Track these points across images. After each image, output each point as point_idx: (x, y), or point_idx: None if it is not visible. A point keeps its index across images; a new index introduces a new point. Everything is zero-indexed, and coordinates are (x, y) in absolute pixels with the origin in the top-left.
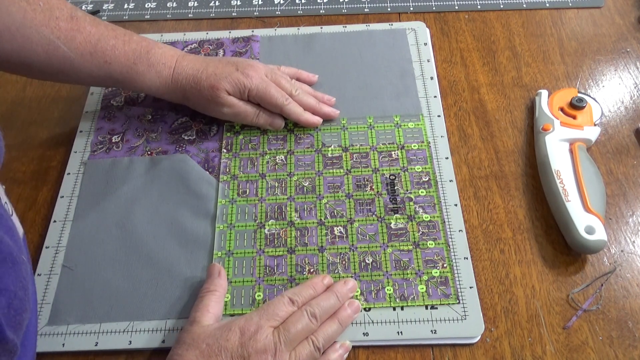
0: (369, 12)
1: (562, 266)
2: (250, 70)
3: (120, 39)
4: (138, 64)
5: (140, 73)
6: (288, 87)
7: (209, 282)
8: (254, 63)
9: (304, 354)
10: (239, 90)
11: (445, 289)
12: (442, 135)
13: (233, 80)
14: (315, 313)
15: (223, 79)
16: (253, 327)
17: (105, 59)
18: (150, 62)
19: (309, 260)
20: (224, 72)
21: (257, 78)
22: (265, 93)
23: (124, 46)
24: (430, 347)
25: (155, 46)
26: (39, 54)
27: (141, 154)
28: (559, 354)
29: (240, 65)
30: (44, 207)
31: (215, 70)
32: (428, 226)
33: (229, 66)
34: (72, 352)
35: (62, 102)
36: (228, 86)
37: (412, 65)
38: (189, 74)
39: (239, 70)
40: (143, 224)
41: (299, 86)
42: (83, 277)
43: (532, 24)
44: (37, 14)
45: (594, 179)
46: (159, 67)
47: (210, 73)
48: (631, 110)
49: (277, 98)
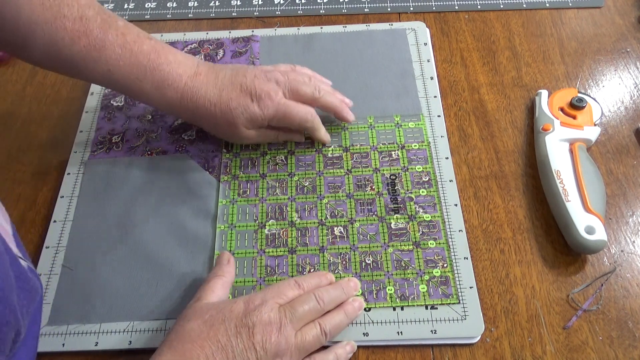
0: (369, 12)
1: (562, 266)
2: (267, 99)
3: (127, 48)
4: (142, 80)
5: (144, 91)
6: (309, 91)
7: (217, 267)
8: (269, 88)
9: (310, 335)
10: (257, 124)
11: (446, 289)
12: (442, 135)
13: (250, 114)
14: (322, 297)
15: (239, 115)
16: (258, 301)
17: (108, 67)
18: (156, 80)
19: (309, 261)
20: (239, 105)
21: (273, 106)
22: (284, 118)
23: (130, 57)
24: (430, 347)
25: (165, 61)
26: (41, 52)
27: (141, 154)
28: (559, 354)
29: (255, 93)
30: (44, 207)
31: (230, 104)
32: (428, 226)
33: (244, 97)
34: (72, 352)
35: (62, 102)
36: (246, 122)
37: (412, 65)
38: (199, 104)
39: (254, 100)
40: (143, 224)
41: (319, 85)
42: (83, 277)
43: (532, 24)
44: (45, 9)
45: (594, 179)
46: (164, 89)
47: (224, 108)
48: (631, 110)
49: (298, 121)
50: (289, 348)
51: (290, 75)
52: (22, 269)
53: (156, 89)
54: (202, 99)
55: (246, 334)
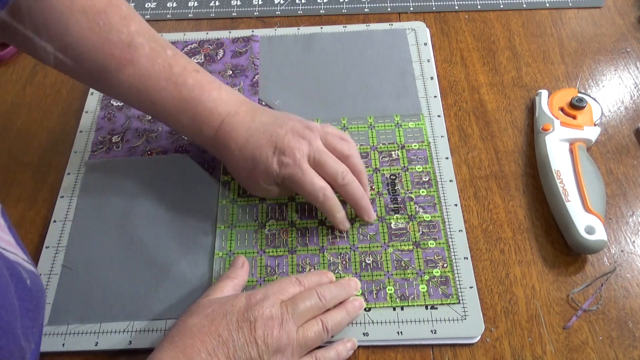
0: (369, 12)
1: (562, 266)
2: (288, 157)
3: (172, 81)
4: (182, 114)
5: (182, 124)
6: (333, 172)
7: (231, 270)
8: (296, 147)
9: (312, 331)
10: (272, 179)
11: (446, 289)
12: (442, 135)
13: (266, 166)
14: (324, 294)
15: (259, 165)
16: (260, 296)
17: (150, 98)
18: (195, 116)
19: (309, 261)
20: (261, 155)
21: (291, 168)
22: (295, 184)
23: (173, 90)
24: (430, 347)
25: (208, 98)
26: (90, 76)
27: (141, 154)
28: (559, 354)
29: (281, 147)
30: (44, 207)
31: (254, 151)
32: (428, 226)
33: (268, 147)
34: (72, 352)
35: (62, 102)
36: (262, 174)
37: (412, 65)
38: (227, 144)
39: (276, 154)
40: (143, 224)
41: (346, 171)
42: (83, 277)
43: (532, 24)
44: (93, 34)
45: (594, 179)
46: (201, 125)
47: (247, 154)
48: (631, 110)
49: (307, 195)
50: (290, 343)
51: (328, 140)
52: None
53: (194, 124)
54: (230, 140)
55: (248, 329)
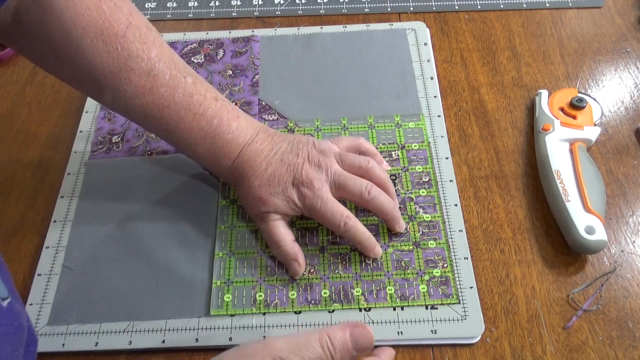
0: (369, 12)
1: (562, 266)
2: (308, 188)
3: (192, 112)
4: (199, 145)
5: (198, 153)
6: (357, 190)
7: None
8: (314, 177)
9: None
10: (291, 211)
11: (446, 289)
12: (442, 135)
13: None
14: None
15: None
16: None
17: (167, 127)
18: (213, 147)
19: (309, 261)
20: (278, 188)
21: (311, 198)
22: (316, 214)
23: (192, 122)
24: (430, 347)
25: (227, 129)
26: (111, 99)
27: (141, 154)
28: (559, 354)
29: (300, 179)
30: (44, 207)
31: (270, 181)
32: (428, 226)
33: (287, 175)
34: (72, 352)
35: (62, 102)
36: (276, 207)
37: (412, 65)
38: (244, 173)
39: (295, 184)
40: (143, 224)
41: (370, 185)
42: (83, 277)
43: (532, 24)
44: (111, 58)
45: (594, 179)
46: (218, 157)
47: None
48: (631, 110)
49: (332, 223)
50: None
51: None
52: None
53: (210, 154)
54: (249, 169)
55: None
